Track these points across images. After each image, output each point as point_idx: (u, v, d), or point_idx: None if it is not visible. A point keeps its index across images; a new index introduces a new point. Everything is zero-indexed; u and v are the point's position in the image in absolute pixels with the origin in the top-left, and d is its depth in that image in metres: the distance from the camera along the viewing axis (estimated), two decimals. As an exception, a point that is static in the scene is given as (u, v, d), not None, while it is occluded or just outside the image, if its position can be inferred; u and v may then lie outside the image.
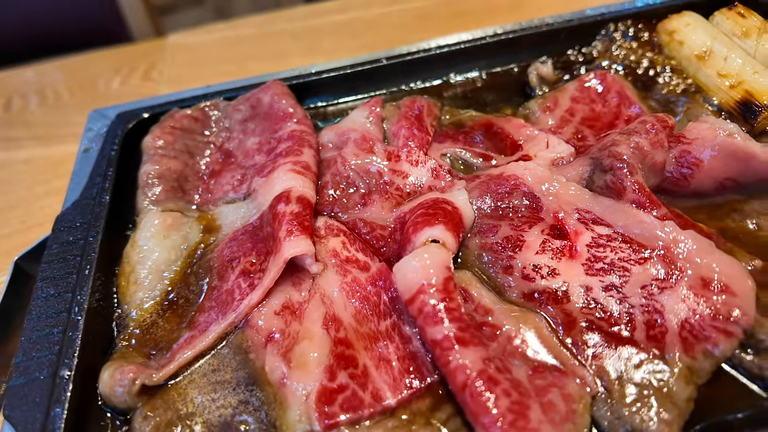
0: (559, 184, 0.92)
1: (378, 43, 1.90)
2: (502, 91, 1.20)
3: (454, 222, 0.87)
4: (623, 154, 0.87)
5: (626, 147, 0.88)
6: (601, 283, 0.82)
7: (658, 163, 0.89)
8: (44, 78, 2.08)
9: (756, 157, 0.87)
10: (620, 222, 0.85)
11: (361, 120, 1.08)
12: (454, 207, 0.90)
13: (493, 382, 0.69)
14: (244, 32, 2.14)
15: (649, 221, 0.82)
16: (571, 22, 1.24)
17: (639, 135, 0.90)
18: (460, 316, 0.75)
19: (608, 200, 0.87)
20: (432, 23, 2.00)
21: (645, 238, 0.83)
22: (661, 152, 0.89)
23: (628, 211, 0.84)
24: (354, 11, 2.10)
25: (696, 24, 1.18)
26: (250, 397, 0.80)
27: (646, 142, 0.88)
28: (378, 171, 1.02)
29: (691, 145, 0.90)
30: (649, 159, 0.88)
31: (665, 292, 0.78)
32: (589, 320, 0.80)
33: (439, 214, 0.87)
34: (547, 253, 0.86)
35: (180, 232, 0.99)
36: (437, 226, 0.84)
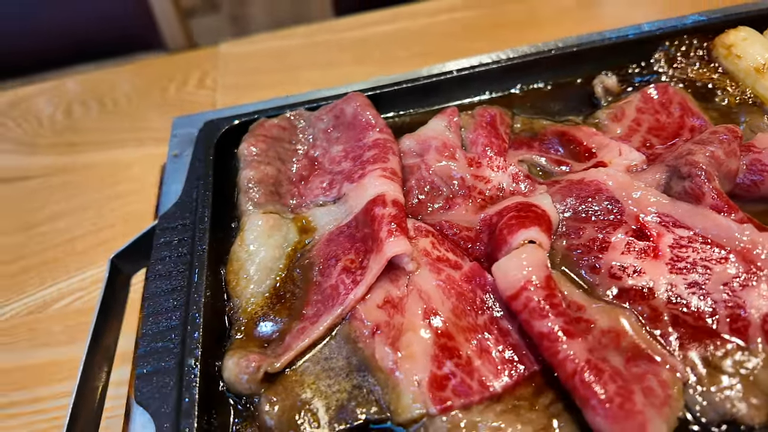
0: (639, 189, 0.98)
1: (429, 53, 1.98)
2: (567, 101, 1.27)
3: (546, 223, 0.94)
4: (701, 163, 0.94)
5: (702, 155, 0.95)
6: (684, 281, 0.89)
7: (732, 171, 0.96)
8: (100, 85, 2.16)
9: (827, 164, 0.94)
10: (699, 225, 0.92)
11: (440, 128, 1.16)
12: (542, 210, 0.97)
13: (599, 370, 0.76)
14: (292, 42, 2.22)
15: (728, 224, 0.89)
16: (628, 37, 1.31)
17: (713, 144, 0.97)
18: (563, 311, 0.83)
19: (687, 205, 0.94)
20: (477, 32, 2.08)
21: (724, 239, 0.90)
22: (734, 160, 0.96)
23: (707, 214, 0.91)
24: (401, 21, 2.18)
25: (753, 38, 1.25)
26: (363, 381, 0.87)
27: (720, 152, 0.96)
28: (461, 176, 1.09)
29: (762, 153, 0.97)
30: (724, 167, 0.95)
31: (746, 289, 0.85)
32: (674, 314, 0.87)
33: (531, 217, 0.94)
34: (632, 254, 0.93)
35: (281, 232, 1.06)
36: (532, 228, 0.91)
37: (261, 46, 2.23)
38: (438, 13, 2.19)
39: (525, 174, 1.09)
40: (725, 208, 0.91)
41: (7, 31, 2.62)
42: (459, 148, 1.13)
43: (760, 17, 1.31)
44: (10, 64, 2.57)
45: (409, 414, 0.81)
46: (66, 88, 2.17)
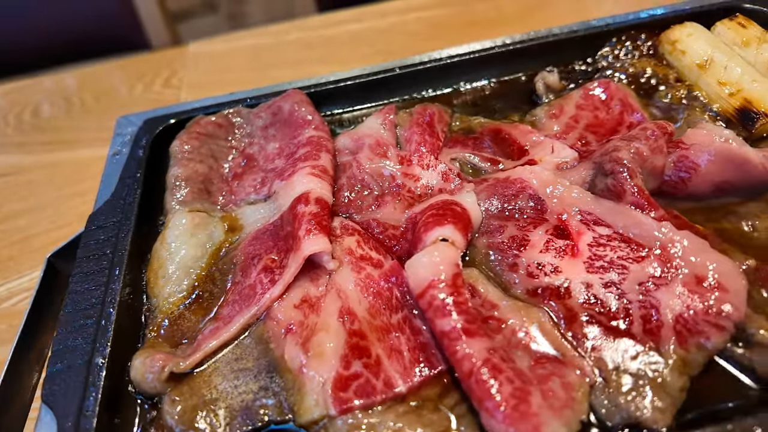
0: (563, 187, 0.97)
1: (393, 51, 1.96)
2: (510, 99, 1.26)
3: (463, 222, 0.92)
4: (623, 159, 0.92)
5: (626, 152, 0.93)
6: (600, 280, 0.87)
7: (658, 168, 0.93)
8: (70, 85, 2.16)
9: (750, 161, 0.91)
10: (620, 223, 0.90)
11: (375, 126, 1.14)
12: (463, 208, 0.96)
13: (497, 370, 0.75)
14: (262, 41, 2.21)
15: (647, 222, 0.87)
16: (576, 32, 1.29)
17: (639, 141, 0.95)
18: (467, 309, 0.81)
19: (609, 202, 0.92)
20: (445, 32, 2.06)
21: (643, 238, 0.87)
22: (660, 157, 0.94)
23: (627, 212, 0.89)
24: (369, 20, 2.17)
25: (698, 34, 1.23)
26: (270, 383, 0.85)
27: (645, 148, 0.93)
28: (391, 174, 1.08)
29: (689, 150, 0.95)
30: (648, 164, 0.92)
31: (661, 289, 0.83)
32: (589, 315, 0.85)
33: (449, 215, 0.92)
34: (551, 252, 0.92)
35: (206, 231, 1.05)
36: (447, 226, 0.90)
37: (231, 45, 2.22)
38: (408, 11, 2.18)
39: (456, 172, 1.08)
40: (646, 205, 0.89)
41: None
42: (392, 147, 1.12)
43: (708, 13, 1.29)
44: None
45: (309, 416, 0.80)
46: (35, 88, 2.18)
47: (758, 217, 0.96)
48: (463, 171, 1.10)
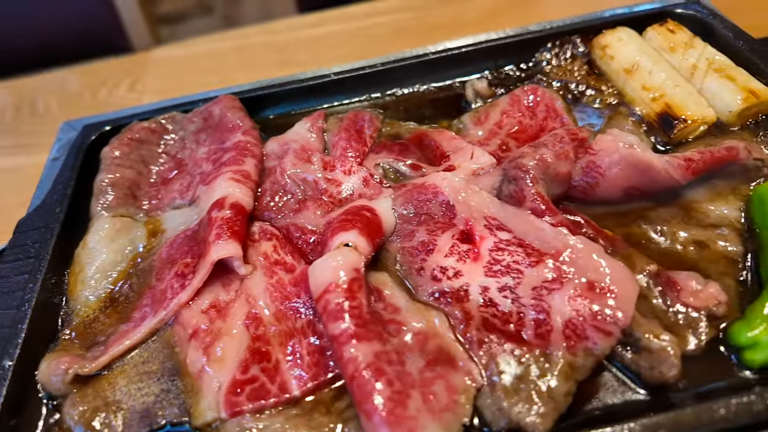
0: (473, 193, 0.98)
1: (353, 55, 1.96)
2: (442, 106, 1.27)
3: (371, 227, 0.94)
4: (526, 166, 0.93)
5: (530, 159, 0.94)
6: (497, 284, 0.88)
7: (561, 174, 0.94)
8: (37, 90, 2.18)
9: (653, 167, 0.92)
10: (519, 228, 0.91)
11: (302, 131, 1.16)
12: (374, 214, 0.97)
13: (379, 373, 0.76)
14: (225, 45, 2.23)
15: (544, 227, 0.88)
16: (512, 38, 1.30)
17: (546, 147, 0.96)
18: (359, 314, 0.82)
19: (512, 208, 0.93)
20: (406, 36, 2.07)
21: (539, 242, 0.88)
22: (565, 164, 0.95)
23: (525, 217, 0.90)
24: (332, 24, 2.18)
25: (629, 39, 1.23)
26: (172, 386, 0.87)
27: (550, 154, 0.94)
28: (313, 180, 1.09)
29: (597, 155, 0.96)
30: (551, 170, 0.93)
31: (553, 294, 0.84)
32: (484, 318, 0.86)
33: (357, 220, 0.93)
34: (454, 256, 0.93)
35: (128, 235, 1.07)
36: (351, 231, 0.91)
37: (195, 49, 2.24)
38: (371, 15, 2.19)
39: (377, 178, 1.09)
40: (544, 211, 0.90)
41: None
42: (318, 152, 1.13)
43: (640, 19, 1.29)
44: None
45: (203, 418, 0.82)
46: (2, 92, 2.20)
47: (668, 222, 0.96)
48: (387, 176, 1.11)
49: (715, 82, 1.10)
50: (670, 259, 0.92)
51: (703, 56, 1.15)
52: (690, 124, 1.05)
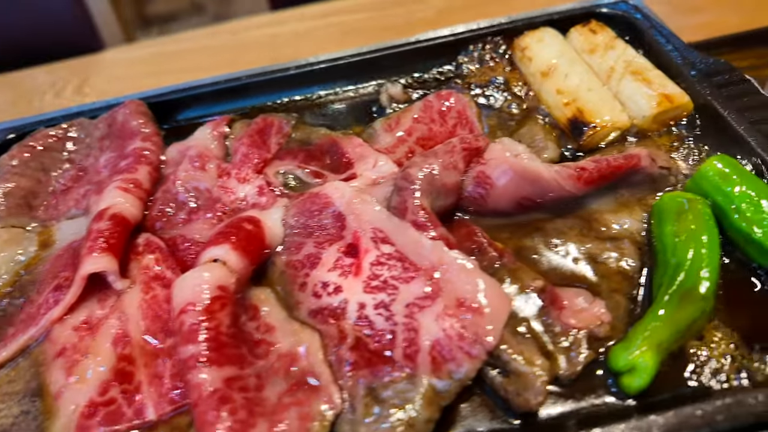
0: (363, 203, 0.93)
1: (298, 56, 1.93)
2: (357, 110, 1.22)
3: (249, 241, 0.89)
4: (412, 176, 0.89)
5: (417, 168, 0.89)
6: (374, 301, 0.83)
7: (448, 185, 0.90)
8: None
9: (542, 176, 0.87)
10: (400, 241, 0.86)
11: (202, 137, 1.12)
12: (258, 226, 0.92)
13: (223, 401, 0.71)
14: (179, 47, 2.19)
15: (421, 241, 0.83)
16: (434, 40, 1.25)
17: (435, 157, 0.91)
18: (214, 336, 0.77)
19: (397, 220, 0.88)
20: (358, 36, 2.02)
21: (418, 257, 0.84)
22: (452, 174, 0.90)
23: (405, 230, 0.85)
24: (285, 25, 2.14)
25: (550, 40, 1.18)
26: (32, 407, 0.83)
27: (437, 165, 0.90)
28: (207, 188, 1.05)
29: (486, 165, 0.91)
30: (438, 181, 0.89)
31: (424, 311, 0.79)
32: (357, 337, 0.81)
33: (233, 233, 0.89)
34: (337, 271, 0.88)
35: (17, 246, 1.03)
36: (223, 246, 0.86)
37: (149, 51, 2.21)
38: (326, 15, 2.15)
39: (275, 186, 1.04)
40: (424, 223, 0.85)
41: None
42: (215, 159, 1.09)
43: (566, 19, 1.24)
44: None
45: (53, 443, 0.77)
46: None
47: (564, 234, 0.91)
48: (288, 184, 1.07)
49: (630, 85, 1.05)
50: (561, 274, 0.87)
51: (622, 58, 1.09)
52: (599, 130, 1.00)
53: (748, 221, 0.83)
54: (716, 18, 1.83)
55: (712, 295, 0.77)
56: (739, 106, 1.02)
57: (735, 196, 0.85)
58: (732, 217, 0.85)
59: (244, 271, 0.88)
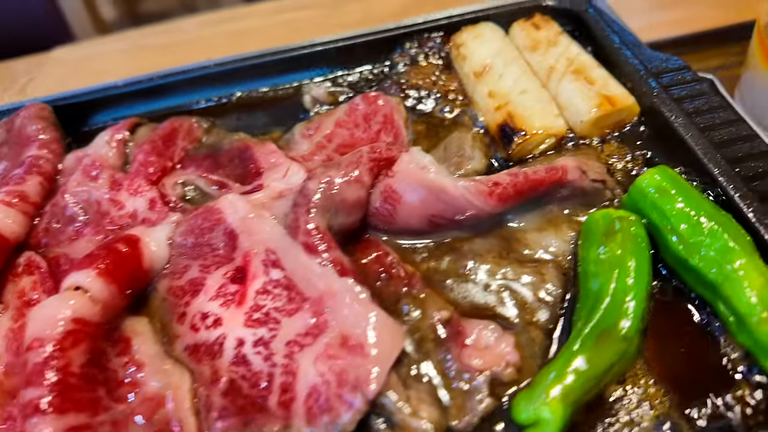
0: (258, 221, 0.82)
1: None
2: (280, 113, 1.11)
3: (119, 266, 0.78)
4: (307, 191, 0.78)
5: (316, 182, 0.79)
6: (253, 337, 0.73)
7: (350, 200, 0.79)
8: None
9: (448, 191, 0.76)
10: (290, 266, 0.75)
11: (100, 144, 1.01)
12: (134, 247, 0.82)
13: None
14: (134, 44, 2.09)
15: (310, 266, 0.73)
16: (365, 37, 1.14)
17: (337, 169, 0.80)
18: (62, 378, 0.67)
19: (290, 240, 0.78)
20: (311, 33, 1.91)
21: (306, 285, 0.73)
22: (353, 188, 0.79)
23: (295, 253, 0.75)
24: (241, 21, 2.04)
25: (488, 37, 1.07)
26: None
27: (339, 177, 0.79)
28: (97, 200, 0.94)
29: (393, 178, 0.80)
30: (337, 196, 0.78)
31: (304, 351, 0.69)
32: (231, 379, 0.71)
33: (101, 257, 0.78)
34: (219, 299, 0.78)
35: None
36: (86, 271, 0.76)
37: (96, 50, 2.10)
38: (279, 12, 2.04)
39: (171, 199, 0.94)
40: (317, 245, 0.74)
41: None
42: (109, 168, 0.98)
43: (513, 12, 1.13)
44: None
45: None
46: None
47: (481, 257, 0.81)
48: (186, 197, 0.96)
49: (570, 86, 0.94)
50: (473, 302, 0.77)
51: (564, 56, 0.98)
52: (529, 138, 0.89)
53: (686, 245, 0.72)
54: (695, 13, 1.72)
55: (635, 334, 0.66)
56: (689, 110, 0.90)
57: (672, 214, 0.74)
58: (668, 239, 0.74)
59: (113, 300, 0.77)
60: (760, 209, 0.75)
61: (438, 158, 0.93)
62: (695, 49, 1.49)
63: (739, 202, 0.77)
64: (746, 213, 0.76)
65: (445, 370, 0.69)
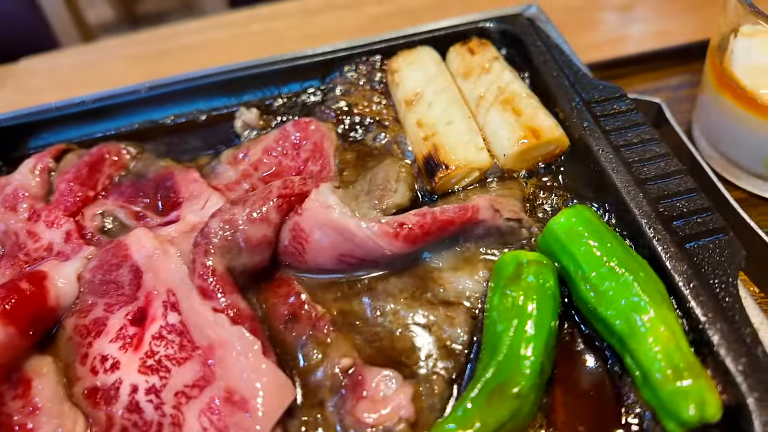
0: (164, 258, 0.80)
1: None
2: (212, 137, 1.09)
3: (20, 306, 0.76)
4: (208, 229, 0.75)
5: (218, 221, 0.76)
6: (146, 384, 0.71)
7: (254, 240, 0.76)
8: None
9: (352, 232, 0.74)
10: (185, 309, 0.73)
11: (24, 171, 0.99)
12: (39, 285, 0.80)
13: None
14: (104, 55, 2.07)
15: (203, 313, 0.70)
16: (301, 60, 1.12)
17: (243, 206, 0.78)
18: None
19: (189, 282, 0.75)
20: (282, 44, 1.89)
21: (198, 332, 0.71)
22: (260, 227, 0.77)
23: (191, 296, 0.73)
24: (213, 31, 2.02)
25: (424, 62, 1.05)
26: None
27: (243, 215, 0.76)
28: (15, 231, 0.92)
29: (302, 217, 0.78)
30: (240, 235, 0.75)
31: (191, 403, 0.67)
32: (124, 428, 0.69)
33: (1, 296, 0.76)
34: (119, 342, 0.76)
35: None
36: (-25, 312, 0.74)
37: (68, 60, 2.08)
38: (251, 22, 2.02)
39: (89, 231, 0.92)
40: (213, 289, 0.72)
41: None
42: (30, 198, 0.96)
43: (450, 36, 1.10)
44: None
45: None
46: None
47: (393, 297, 0.78)
48: (106, 227, 0.94)
49: (497, 117, 0.91)
50: (380, 347, 0.74)
51: (495, 84, 0.95)
52: (451, 171, 0.86)
53: (596, 292, 0.70)
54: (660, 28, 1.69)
55: (530, 391, 0.63)
56: (618, 143, 0.88)
57: (583, 260, 0.72)
58: (579, 286, 0.71)
59: (11, 341, 0.75)
60: (675, 255, 0.73)
61: (362, 190, 0.91)
62: (659, 65, 1.47)
63: (656, 246, 0.74)
64: (663, 259, 0.73)
65: (337, 424, 0.66)
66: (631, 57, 1.46)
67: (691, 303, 0.68)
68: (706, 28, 1.50)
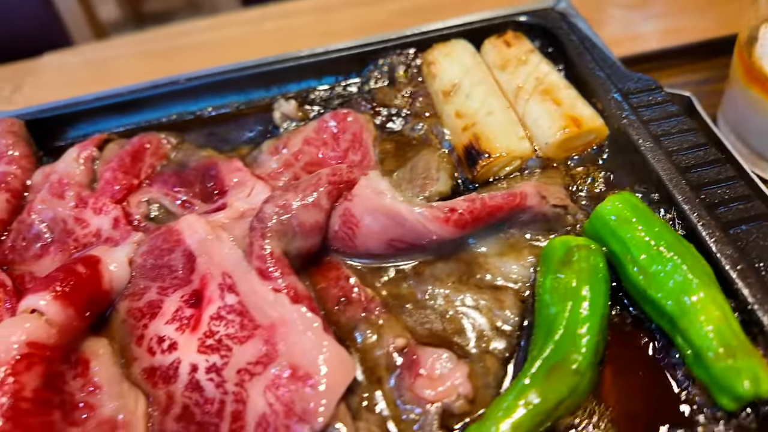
0: (217, 243, 0.82)
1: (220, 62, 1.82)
2: (250, 128, 1.11)
3: (77, 288, 0.78)
4: (263, 214, 0.77)
5: (272, 205, 0.78)
6: (206, 363, 0.72)
7: (307, 224, 0.78)
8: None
9: (404, 217, 0.76)
10: (244, 291, 0.75)
11: (68, 160, 1.01)
12: (94, 269, 0.81)
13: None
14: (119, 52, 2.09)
15: (264, 293, 0.72)
16: (338, 52, 1.14)
17: (295, 192, 0.80)
18: (13, 404, 0.66)
19: (246, 265, 0.77)
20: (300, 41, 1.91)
21: (258, 312, 0.73)
22: (313, 212, 0.79)
23: (249, 278, 0.74)
24: (225, 29, 2.03)
25: (459, 54, 1.07)
26: None
27: (297, 201, 0.78)
28: (62, 218, 0.94)
29: (352, 202, 0.80)
30: (294, 219, 0.77)
31: (254, 380, 0.68)
32: (185, 405, 0.71)
33: (59, 279, 0.78)
34: (175, 323, 0.77)
35: None
36: (43, 294, 0.75)
37: (85, 57, 2.10)
38: (264, 20, 2.03)
39: (134, 218, 0.93)
40: (271, 271, 0.74)
41: None
42: (76, 185, 0.98)
43: (485, 29, 1.12)
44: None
45: None
46: None
47: (440, 281, 0.80)
48: (150, 215, 0.96)
49: (537, 107, 0.93)
50: (431, 329, 0.76)
51: (533, 75, 0.97)
52: (493, 160, 0.88)
53: (646, 275, 0.71)
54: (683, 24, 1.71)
55: (587, 368, 0.65)
56: (657, 133, 0.89)
57: (632, 244, 0.73)
58: (628, 269, 0.73)
59: (70, 322, 0.77)
60: (721, 239, 0.74)
61: (404, 179, 0.93)
62: (682, 61, 1.49)
63: (701, 231, 0.76)
64: (708, 243, 0.75)
65: (397, 400, 0.68)
66: (653, 53, 1.47)
67: (738, 285, 0.70)
68: (723, 25, 1.53)
